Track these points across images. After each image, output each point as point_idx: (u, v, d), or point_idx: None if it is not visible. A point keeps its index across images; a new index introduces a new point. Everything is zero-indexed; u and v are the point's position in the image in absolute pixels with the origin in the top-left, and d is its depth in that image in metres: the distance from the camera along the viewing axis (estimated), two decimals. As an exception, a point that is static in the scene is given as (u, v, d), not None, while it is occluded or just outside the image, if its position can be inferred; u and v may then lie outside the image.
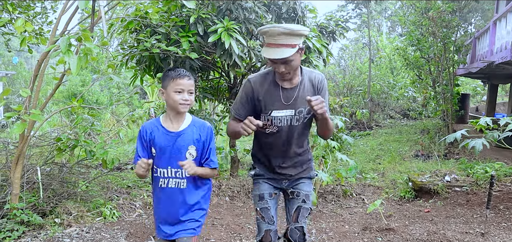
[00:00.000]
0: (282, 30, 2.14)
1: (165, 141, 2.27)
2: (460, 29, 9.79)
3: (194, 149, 2.29)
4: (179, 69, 2.25)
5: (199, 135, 2.31)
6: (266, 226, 2.44)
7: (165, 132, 2.29)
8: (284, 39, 2.16)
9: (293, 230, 2.44)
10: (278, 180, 2.50)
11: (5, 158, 4.74)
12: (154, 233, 3.96)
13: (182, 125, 2.30)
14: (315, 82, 2.38)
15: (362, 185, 6.17)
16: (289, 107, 2.34)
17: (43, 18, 6.10)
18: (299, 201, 2.48)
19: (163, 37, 4.60)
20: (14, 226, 3.70)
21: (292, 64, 2.22)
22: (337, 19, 6.09)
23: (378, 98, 15.22)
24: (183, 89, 2.22)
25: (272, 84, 2.34)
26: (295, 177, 2.50)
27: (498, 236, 3.73)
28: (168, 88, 2.23)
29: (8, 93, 3.45)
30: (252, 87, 2.37)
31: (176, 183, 2.29)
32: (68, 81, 15.72)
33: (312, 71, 2.43)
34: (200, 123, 2.35)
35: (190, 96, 2.24)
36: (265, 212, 2.45)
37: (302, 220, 2.46)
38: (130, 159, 7.83)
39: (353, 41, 24.71)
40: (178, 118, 2.30)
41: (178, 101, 2.21)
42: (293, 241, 2.44)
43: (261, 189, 2.49)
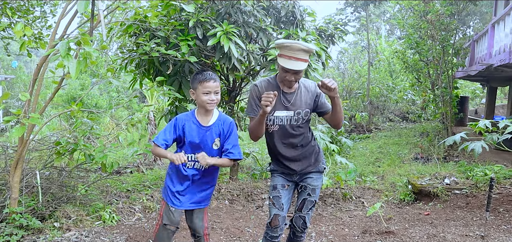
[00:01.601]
0: (302, 47, 2.55)
1: (197, 132, 2.70)
2: (459, 32, 9.80)
3: (218, 140, 2.73)
4: (206, 73, 2.63)
5: (223, 129, 2.73)
6: (275, 211, 2.79)
7: (197, 125, 2.71)
8: (302, 54, 2.57)
9: (297, 218, 2.88)
10: (290, 174, 2.87)
11: (4, 162, 4.73)
12: (153, 237, 3.96)
13: (211, 120, 2.72)
14: (309, 87, 2.81)
15: (361, 188, 6.17)
16: (289, 109, 2.74)
17: (42, 22, 6.12)
18: (305, 194, 2.87)
19: (162, 41, 4.61)
20: (13, 230, 3.69)
21: (300, 76, 2.64)
22: (336, 23, 6.10)
23: (377, 101, 15.23)
24: (210, 91, 2.62)
25: (275, 88, 2.71)
26: (304, 171, 2.86)
27: (498, 238, 3.72)
28: (197, 90, 2.64)
29: (7, 97, 3.45)
30: (259, 89, 2.76)
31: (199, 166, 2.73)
32: (67, 85, 15.72)
33: (306, 80, 2.88)
34: (225, 118, 2.79)
35: (216, 95, 2.65)
36: (276, 200, 2.81)
37: (306, 211, 2.86)
38: (129, 162, 7.82)
39: (352, 45, 24.76)
40: (207, 114, 2.72)
41: (206, 101, 2.62)
42: (297, 227, 2.88)
43: (275, 181, 2.88)
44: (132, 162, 7.76)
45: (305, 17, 5.65)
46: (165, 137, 2.67)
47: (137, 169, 7.17)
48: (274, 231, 2.79)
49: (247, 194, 5.56)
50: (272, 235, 2.80)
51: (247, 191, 5.60)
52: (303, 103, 2.77)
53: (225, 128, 2.73)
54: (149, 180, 6.22)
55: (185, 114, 2.77)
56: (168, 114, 5.43)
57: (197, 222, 2.84)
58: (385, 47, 18.16)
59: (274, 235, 2.80)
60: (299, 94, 2.76)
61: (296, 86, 2.76)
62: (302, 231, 2.90)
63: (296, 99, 2.74)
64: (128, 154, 7.59)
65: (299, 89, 2.77)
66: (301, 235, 2.93)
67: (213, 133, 2.72)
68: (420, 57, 10.00)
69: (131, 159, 7.85)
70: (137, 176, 6.60)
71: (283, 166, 2.84)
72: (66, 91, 15.89)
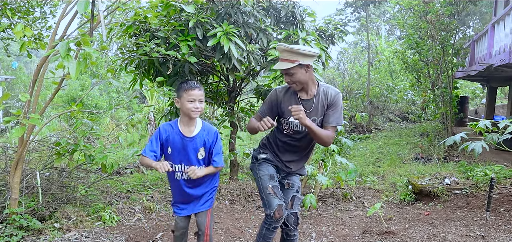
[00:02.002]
0: (284, 48, 2.69)
1: (180, 143, 2.75)
2: (459, 32, 9.80)
3: (203, 150, 2.79)
4: (190, 82, 2.71)
5: (207, 139, 2.79)
6: (278, 201, 2.79)
7: (180, 136, 2.76)
8: (286, 54, 2.69)
9: (289, 215, 2.91)
10: (280, 170, 2.97)
11: (4, 163, 4.73)
12: (154, 238, 3.96)
13: (194, 130, 2.77)
14: (328, 96, 2.82)
15: (362, 188, 6.17)
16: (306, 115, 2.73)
17: (42, 23, 6.12)
18: (293, 191, 2.95)
19: (162, 41, 4.61)
20: (13, 231, 3.69)
21: (294, 77, 2.71)
22: (336, 23, 6.09)
23: (377, 101, 15.23)
24: (195, 99, 2.68)
25: (293, 95, 2.84)
26: (292, 172, 2.99)
27: (498, 238, 3.72)
28: (181, 98, 2.70)
29: (7, 97, 3.45)
30: (277, 94, 2.88)
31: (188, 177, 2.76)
32: (67, 86, 15.71)
33: (329, 86, 2.88)
34: (208, 128, 2.84)
35: (200, 104, 2.71)
36: (276, 190, 2.85)
37: (296, 207, 2.94)
38: (129, 163, 7.82)
39: (352, 45, 24.77)
40: (191, 123, 2.76)
41: (190, 109, 2.68)
42: (289, 225, 2.92)
43: (270, 170, 2.92)
44: (132, 163, 7.76)
45: (305, 17, 5.64)
46: (152, 149, 2.73)
47: (137, 170, 7.17)
48: (277, 221, 2.79)
49: (247, 195, 5.56)
50: (275, 226, 2.83)
51: (247, 192, 5.60)
52: (319, 111, 2.82)
53: (210, 138, 2.80)
54: (149, 181, 6.22)
55: (168, 124, 2.82)
56: (168, 114, 5.43)
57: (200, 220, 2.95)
58: (385, 47, 18.16)
59: (276, 225, 2.83)
60: (316, 102, 2.81)
61: (314, 92, 2.82)
62: (295, 228, 2.94)
63: (313, 106, 2.80)
64: (128, 155, 7.59)
65: (318, 96, 2.82)
66: (294, 233, 2.95)
67: (196, 143, 2.77)
68: (420, 57, 10.00)
69: (131, 160, 7.85)
70: (137, 177, 6.60)
71: (279, 161, 2.94)
72: (66, 91, 15.89)
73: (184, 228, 2.94)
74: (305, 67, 2.72)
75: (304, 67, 2.72)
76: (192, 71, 5.09)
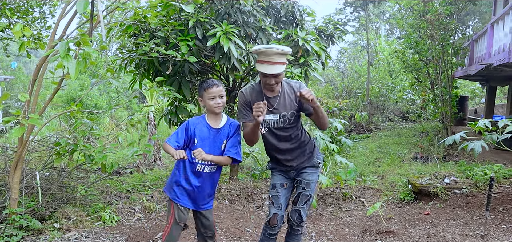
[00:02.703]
0: (277, 51, 2.62)
1: (207, 134, 2.87)
2: (458, 32, 9.81)
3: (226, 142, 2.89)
4: (209, 80, 2.85)
5: (230, 132, 2.90)
6: (274, 210, 2.91)
7: (208, 128, 2.88)
8: (278, 58, 2.65)
9: (292, 212, 2.94)
10: (287, 171, 2.98)
11: (4, 163, 4.73)
12: (154, 238, 3.96)
13: (220, 123, 2.90)
14: (294, 88, 2.84)
15: (361, 188, 6.17)
16: (273, 113, 2.84)
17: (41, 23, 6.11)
18: (300, 188, 2.94)
19: (162, 41, 4.61)
20: (13, 231, 3.68)
21: (280, 78, 2.74)
22: (336, 22, 6.10)
23: (377, 101, 15.23)
24: (215, 95, 2.81)
25: (259, 94, 2.86)
26: (300, 167, 2.96)
27: (498, 238, 3.73)
28: (203, 97, 2.85)
29: (6, 97, 3.45)
30: (245, 96, 2.89)
31: (209, 169, 2.87)
32: (67, 86, 15.71)
33: (290, 80, 2.94)
34: (232, 121, 2.95)
35: (221, 99, 2.83)
36: (275, 199, 2.93)
37: (300, 204, 2.92)
38: (129, 163, 7.82)
39: (351, 44, 24.78)
40: (216, 118, 2.90)
41: (213, 105, 2.82)
42: (293, 220, 2.94)
43: (274, 179, 2.99)
44: (132, 163, 7.76)
45: (304, 17, 5.65)
46: (177, 139, 2.84)
47: (137, 170, 7.17)
48: (272, 229, 2.92)
49: (247, 194, 5.56)
50: (270, 233, 2.93)
51: (247, 191, 5.60)
52: (288, 105, 2.84)
53: (231, 130, 2.91)
54: (149, 181, 6.22)
55: (197, 118, 2.96)
56: (168, 114, 5.43)
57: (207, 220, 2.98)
58: (385, 46, 18.17)
59: (272, 232, 2.93)
60: (283, 97, 2.84)
61: (279, 89, 2.83)
62: (298, 225, 2.95)
63: (280, 102, 2.83)
64: (128, 155, 7.58)
65: (283, 92, 2.84)
66: (298, 229, 2.98)
67: (222, 135, 2.90)
68: (420, 56, 10.01)
69: (131, 160, 7.85)
70: (137, 177, 6.59)
71: (280, 163, 2.97)
72: (66, 91, 15.89)
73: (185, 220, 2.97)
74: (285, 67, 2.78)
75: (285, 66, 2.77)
76: (191, 71, 5.08)
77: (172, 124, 5.50)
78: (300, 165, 2.95)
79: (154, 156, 7.94)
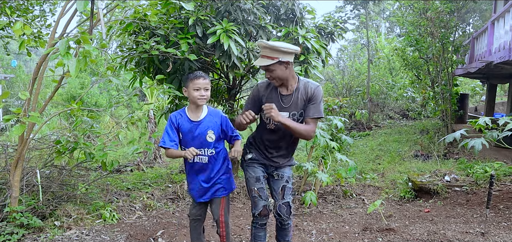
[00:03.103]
0: (264, 44, 2.76)
1: (189, 127, 2.94)
2: (458, 29, 9.80)
3: (212, 132, 2.96)
4: (196, 72, 2.91)
5: (215, 121, 2.98)
6: (262, 202, 2.98)
7: (188, 121, 2.95)
8: (265, 51, 2.77)
9: (281, 206, 3.00)
10: (268, 166, 3.06)
11: (5, 161, 4.74)
12: (154, 235, 3.96)
13: (201, 115, 2.96)
14: (308, 90, 2.90)
15: (362, 185, 6.17)
16: (285, 110, 2.88)
17: (41, 21, 6.10)
18: (283, 181, 3.03)
19: (162, 39, 4.60)
20: (13, 229, 3.69)
21: (275, 74, 2.80)
22: (336, 20, 6.09)
23: (377, 99, 15.23)
24: (200, 87, 2.86)
25: (274, 90, 2.93)
26: (281, 165, 3.06)
27: (498, 235, 3.73)
28: (188, 88, 2.89)
29: (7, 96, 3.45)
30: (259, 89, 2.97)
31: (200, 159, 2.97)
32: (67, 84, 15.70)
33: (309, 81, 2.95)
34: (213, 111, 3.04)
35: (206, 92, 2.88)
36: (261, 191, 2.99)
37: (287, 197, 3.02)
38: (129, 161, 7.82)
39: (351, 42, 24.72)
40: (197, 110, 2.96)
41: (196, 97, 2.87)
42: (282, 215, 3.00)
43: (256, 172, 3.03)
44: (132, 161, 7.77)
45: (304, 14, 5.63)
46: (171, 139, 2.92)
47: (137, 168, 7.17)
48: (262, 219, 3.01)
49: (247, 192, 5.56)
50: (261, 223, 3.03)
51: (247, 189, 5.60)
52: (299, 105, 2.90)
53: (218, 119, 3.00)
54: (150, 178, 6.22)
55: (177, 112, 3.02)
56: (168, 112, 5.43)
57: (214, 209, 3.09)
58: (385, 44, 18.15)
59: (263, 222, 3.03)
60: (296, 96, 2.90)
61: (294, 87, 2.90)
62: (288, 218, 3.02)
63: (292, 101, 2.89)
64: (128, 153, 7.59)
65: (298, 91, 2.90)
66: (287, 222, 3.05)
67: (205, 126, 2.95)
68: (420, 54, 10.00)
69: (131, 158, 7.86)
70: (137, 175, 6.60)
71: (266, 158, 3.04)
72: (66, 89, 15.88)
73: (198, 215, 3.10)
74: (284, 64, 2.80)
75: (284, 63, 2.80)
76: (192, 69, 5.08)
77: (173, 122, 5.50)
78: (282, 163, 3.06)
79: (155, 154, 7.95)
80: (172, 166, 7.51)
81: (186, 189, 3.09)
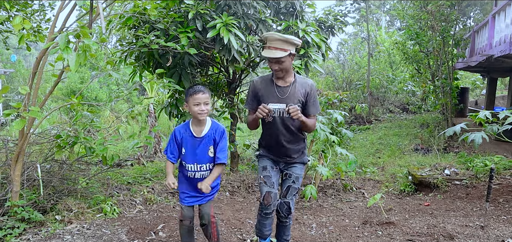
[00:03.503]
0: (278, 37, 2.81)
1: (192, 143, 3.00)
2: (459, 23, 9.76)
3: (212, 148, 3.01)
4: (195, 86, 2.94)
5: (215, 137, 3.01)
6: (267, 188, 3.01)
7: (192, 137, 3.01)
8: (279, 44, 2.83)
9: (282, 204, 3.07)
10: (277, 161, 3.12)
11: (5, 156, 4.74)
12: (155, 229, 3.98)
13: (204, 130, 3.00)
14: (307, 87, 3.01)
15: (362, 179, 6.18)
16: (283, 101, 2.94)
17: (41, 16, 6.07)
18: (290, 181, 3.08)
19: (162, 33, 4.59)
20: (15, 223, 3.70)
21: (283, 65, 2.87)
22: (336, 14, 6.08)
23: (377, 93, 15.21)
24: (200, 102, 2.89)
25: (270, 83, 3.01)
26: (290, 161, 3.10)
27: (498, 228, 3.74)
28: (189, 103, 2.93)
29: (7, 90, 3.45)
30: (255, 85, 3.06)
31: (201, 175, 3.02)
32: (67, 78, 15.69)
33: (304, 77, 3.11)
34: (217, 126, 3.06)
35: (206, 106, 2.92)
36: (267, 179, 3.03)
37: (290, 197, 3.07)
38: (130, 155, 7.84)
39: (352, 36, 24.67)
40: (200, 124, 3.00)
41: (197, 111, 2.90)
42: (281, 212, 3.08)
43: (264, 162, 3.11)
44: (133, 155, 7.78)
45: (304, 8, 5.62)
46: (171, 151, 3.03)
47: (137, 162, 7.18)
48: (267, 208, 3.01)
49: (248, 186, 5.57)
50: (266, 212, 3.04)
51: (247, 183, 5.62)
52: (296, 97, 2.96)
53: (218, 136, 3.03)
54: (150, 173, 6.23)
55: (182, 126, 3.09)
56: (168, 106, 5.43)
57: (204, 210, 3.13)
58: (385, 38, 18.10)
59: (267, 211, 3.03)
60: (293, 89, 2.98)
61: (291, 80, 2.99)
62: (286, 216, 3.09)
63: (289, 93, 2.96)
64: (128, 147, 7.60)
65: (294, 84, 2.99)
66: (286, 220, 3.13)
67: (206, 142, 3.01)
68: (420, 48, 9.97)
69: (132, 152, 7.87)
70: (137, 169, 6.61)
71: (272, 152, 3.10)
72: (66, 84, 15.87)
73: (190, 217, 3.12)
74: (292, 56, 2.90)
75: (292, 56, 2.90)
76: (191, 63, 5.07)
77: (173, 116, 5.50)
78: (291, 159, 3.09)
79: (155, 148, 7.95)
80: (172, 160, 7.52)
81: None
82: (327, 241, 3.73)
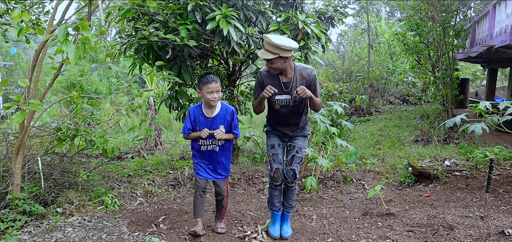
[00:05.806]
0: (269, 41, 3.19)
1: (205, 122, 3.46)
2: (460, 13, 9.72)
3: (223, 127, 3.48)
4: (208, 76, 3.36)
5: (225, 117, 3.50)
6: (276, 165, 3.55)
7: (204, 117, 3.47)
8: (270, 47, 3.21)
9: (288, 170, 3.57)
10: (282, 137, 3.61)
11: (6, 149, 4.75)
12: (156, 221, 3.99)
13: (215, 112, 3.47)
14: (305, 75, 3.41)
15: (362, 170, 6.20)
16: (287, 93, 3.42)
17: (39, 8, 6.04)
18: (294, 151, 3.57)
19: (161, 25, 4.58)
20: (16, 216, 3.72)
21: (274, 66, 3.28)
22: (336, 5, 6.05)
23: (377, 84, 15.19)
24: (213, 90, 3.34)
25: (275, 77, 3.42)
26: (294, 135, 3.59)
27: (498, 219, 3.75)
28: (202, 90, 3.37)
29: (6, 83, 3.44)
30: (262, 76, 3.48)
31: (212, 148, 3.52)
32: (66, 71, 15.66)
33: (303, 66, 3.47)
34: (226, 107, 3.54)
35: (217, 94, 3.37)
36: (275, 157, 3.56)
37: (295, 165, 3.56)
38: (130, 148, 7.84)
39: (352, 27, 24.59)
40: (212, 108, 3.46)
41: (210, 99, 3.36)
42: (288, 178, 3.57)
43: (272, 140, 3.60)
44: (133, 147, 7.79)
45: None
46: (189, 127, 3.49)
47: (138, 154, 7.19)
48: (276, 181, 3.57)
49: (248, 178, 5.58)
50: (276, 184, 3.59)
51: (248, 175, 5.63)
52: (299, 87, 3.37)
53: (228, 116, 3.52)
54: (150, 165, 6.25)
55: (195, 107, 3.53)
56: (168, 98, 5.42)
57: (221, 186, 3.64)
58: (385, 29, 18.03)
59: (277, 183, 3.59)
60: (295, 81, 3.41)
61: (292, 75, 3.40)
62: (292, 181, 3.58)
63: (292, 85, 3.40)
64: (129, 139, 7.60)
65: (295, 77, 3.41)
66: (292, 185, 3.61)
67: (217, 122, 3.47)
68: (421, 39, 9.94)
69: (132, 144, 7.87)
70: (138, 161, 6.62)
71: (277, 130, 3.59)
72: (66, 77, 15.85)
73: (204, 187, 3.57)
74: (284, 59, 3.25)
75: (283, 58, 3.24)
76: (191, 55, 5.06)
77: (173, 108, 5.50)
78: (294, 133, 3.57)
79: (155, 141, 7.96)
80: (172, 153, 7.53)
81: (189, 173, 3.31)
82: (328, 232, 3.74)
